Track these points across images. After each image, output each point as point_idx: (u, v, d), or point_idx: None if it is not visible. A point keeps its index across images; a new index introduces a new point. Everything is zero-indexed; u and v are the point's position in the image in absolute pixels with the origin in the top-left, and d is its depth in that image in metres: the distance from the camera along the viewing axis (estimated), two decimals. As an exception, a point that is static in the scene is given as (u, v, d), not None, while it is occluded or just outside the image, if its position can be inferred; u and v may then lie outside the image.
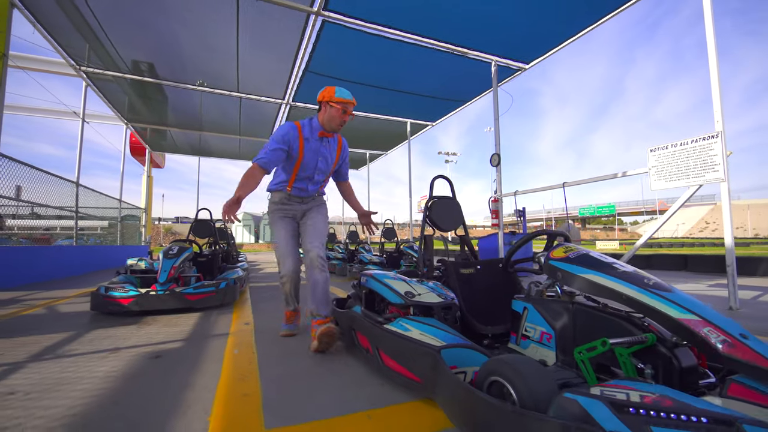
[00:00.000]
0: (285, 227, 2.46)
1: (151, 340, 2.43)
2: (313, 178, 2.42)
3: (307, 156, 2.33)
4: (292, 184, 2.41)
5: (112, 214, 10.10)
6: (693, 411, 0.87)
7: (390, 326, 1.72)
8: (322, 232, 2.48)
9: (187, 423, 1.31)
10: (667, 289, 1.23)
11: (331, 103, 2.27)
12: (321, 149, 2.38)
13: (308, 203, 2.54)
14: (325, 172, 2.48)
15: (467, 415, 1.18)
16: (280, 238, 2.44)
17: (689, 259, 7.66)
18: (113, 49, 6.14)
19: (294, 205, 2.50)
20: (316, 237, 2.41)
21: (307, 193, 2.48)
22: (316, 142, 2.35)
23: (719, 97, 3.53)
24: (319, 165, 2.40)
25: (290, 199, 2.48)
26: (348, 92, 2.34)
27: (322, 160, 2.41)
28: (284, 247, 2.44)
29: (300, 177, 2.40)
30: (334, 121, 2.30)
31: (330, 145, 2.44)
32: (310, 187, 2.46)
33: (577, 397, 0.95)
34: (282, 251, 2.43)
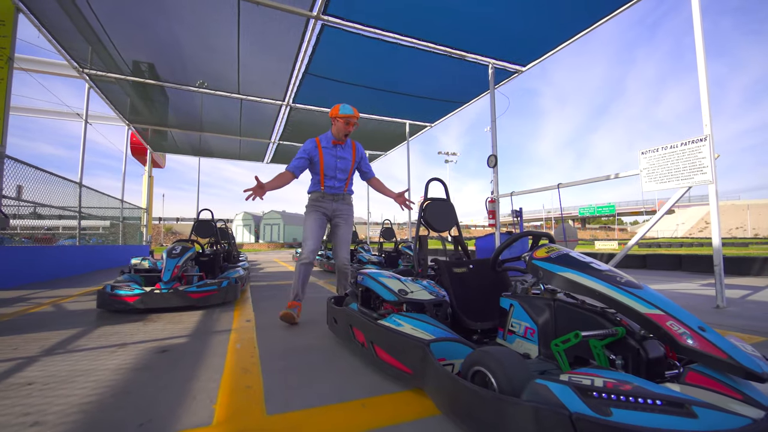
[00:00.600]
0: (315, 219, 3.04)
1: (157, 335, 2.53)
2: (336, 176, 3.04)
3: (327, 159, 2.98)
4: (323, 183, 3.02)
5: (114, 214, 10.21)
6: (649, 394, 0.98)
7: (384, 322, 1.82)
8: (347, 241, 3.13)
9: (195, 410, 1.41)
10: (637, 286, 1.34)
11: (337, 118, 2.93)
12: (337, 153, 3.03)
13: (338, 201, 3.12)
14: (345, 170, 3.07)
15: (452, 402, 1.29)
16: (308, 226, 3.03)
17: (684, 259, 7.77)
18: (115, 51, 6.24)
19: (326, 202, 3.08)
20: (342, 246, 3.10)
21: (335, 189, 3.07)
22: (332, 149, 3.01)
23: (707, 102, 3.63)
24: (338, 165, 3.04)
25: (324, 197, 3.07)
26: (350, 108, 2.94)
27: (341, 161, 3.04)
28: (309, 232, 3.01)
29: (327, 176, 3.02)
30: (341, 131, 2.96)
31: (345, 149, 3.07)
32: (336, 184, 3.06)
33: (547, 382, 1.06)
34: (307, 235, 3.01)
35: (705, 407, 0.95)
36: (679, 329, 1.16)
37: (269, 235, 36.21)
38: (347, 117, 2.91)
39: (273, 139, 10.85)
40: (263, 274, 7.41)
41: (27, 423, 1.31)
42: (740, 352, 1.08)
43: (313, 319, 3.07)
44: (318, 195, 3.07)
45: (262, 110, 8.66)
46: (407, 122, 9.53)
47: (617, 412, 0.95)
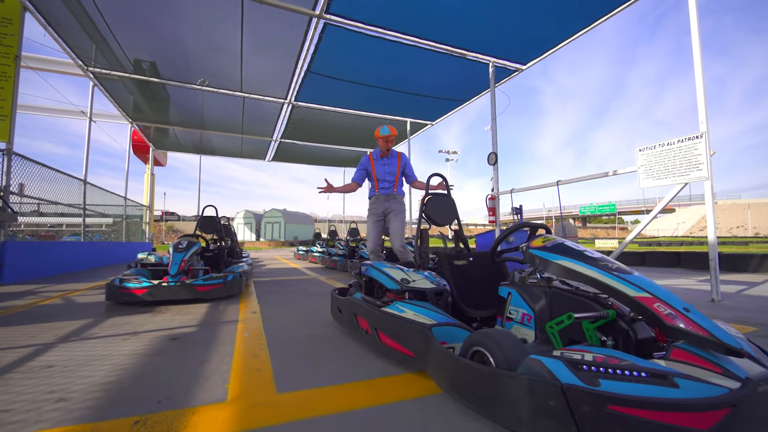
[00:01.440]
0: (373, 222, 3.73)
1: (167, 325, 2.62)
2: (386, 179, 3.73)
3: (377, 169, 3.72)
4: (377, 186, 3.74)
5: (117, 211, 10.30)
6: (635, 367, 1.06)
7: (387, 309, 1.90)
8: (400, 232, 3.67)
9: (209, 388, 1.50)
10: (627, 272, 1.42)
11: (378, 138, 3.67)
12: (385, 163, 3.73)
13: (390, 201, 3.72)
14: (392, 174, 3.74)
15: (453, 380, 1.37)
16: (369, 230, 3.78)
17: (682, 257, 7.84)
18: (119, 49, 6.32)
19: (380, 203, 3.72)
20: (395, 237, 3.66)
21: (387, 190, 3.73)
22: (381, 160, 3.73)
23: (704, 100, 3.70)
24: (386, 170, 3.73)
25: (378, 198, 3.73)
26: (387, 129, 3.63)
27: (388, 166, 3.73)
28: (369, 235, 3.77)
29: (379, 180, 3.73)
30: (382, 147, 3.69)
31: (390, 160, 3.75)
32: (387, 185, 3.73)
33: (541, 357, 1.14)
34: (370, 235, 3.76)
35: (686, 378, 1.03)
36: (666, 310, 1.23)
37: (270, 234, 36.27)
38: (385, 137, 3.64)
39: (275, 137, 10.93)
40: (266, 271, 7.50)
41: (53, 399, 1.39)
42: (721, 331, 1.15)
43: (317, 312, 3.15)
44: (374, 198, 3.76)
45: (264, 108, 8.73)
46: (408, 120, 9.60)
47: (605, 382, 1.03)
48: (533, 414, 1.08)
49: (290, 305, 3.48)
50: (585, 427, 1.00)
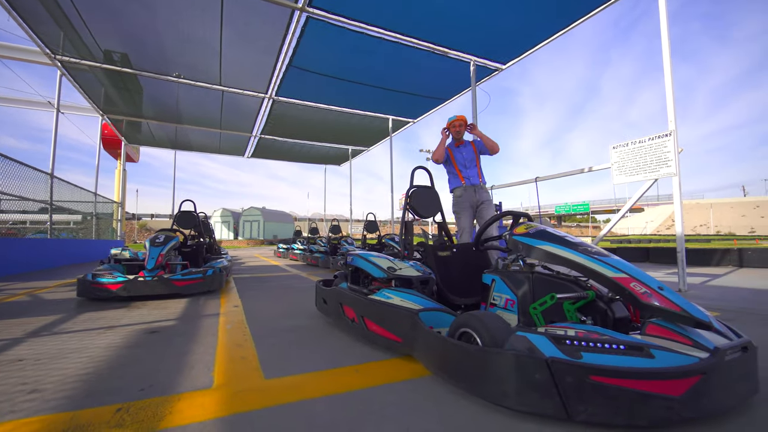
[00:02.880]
0: (465, 212, 3.57)
1: (144, 319, 2.54)
2: (466, 165, 3.64)
3: (457, 156, 3.69)
4: (462, 176, 3.62)
5: (87, 208, 9.86)
6: (614, 340, 1.12)
7: (374, 296, 1.91)
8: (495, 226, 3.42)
9: (194, 376, 1.47)
10: (606, 255, 1.48)
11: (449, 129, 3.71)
12: (462, 150, 3.70)
13: (479, 192, 3.59)
14: (472, 159, 3.66)
15: (441, 361, 1.39)
16: (461, 219, 3.60)
17: (651, 252, 8.23)
18: (90, 37, 6.04)
19: (470, 194, 3.58)
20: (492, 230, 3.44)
21: (471, 180, 3.60)
22: (457, 149, 3.72)
23: (672, 100, 3.89)
24: (465, 156, 3.67)
25: (466, 189, 3.59)
26: (454, 116, 3.71)
27: (466, 154, 3.68)
28: (463, 224, 3.58)
29: (460, 167, 3.65)
30: (455, 136, 3.73)
31: (466, 148, 3.71)
32: (470, 172, 3.63)
33: (526, 334, 1.18)
34: (461, 226, 3.60)
35: (661, 349, 1.09)
36: (641, 289, 1.30)
37: (249, 232, 35.58)
38: (452, 124, 3.70)
39: (254, 132, 10.71)
40: (245, 268, 7.36)
41: (25, 390, 1.33)
42: (692, 306, 1.23)
43: (301, 305, 3.13)
44: (461, 190, 3.62)
45: (244, 103, 8.54)
46: (390, 118, 9.61)
47: (586, 355, 1.08)
48: (520, 388, 1.11)
49: (272, 299, 3.44)
50: (568, 397, 1.04)
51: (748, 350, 1.18)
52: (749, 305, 2.96)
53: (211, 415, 1.15)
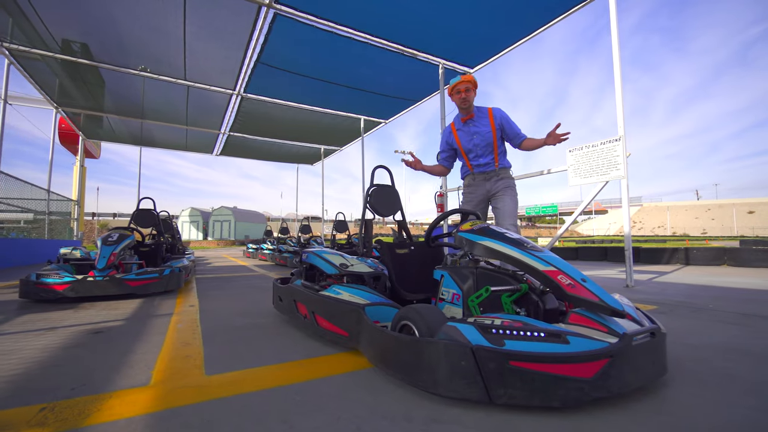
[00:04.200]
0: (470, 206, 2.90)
1: (91, 320, 2.44)
2: (478, 153, 2.79)
3: (462, 139, 2.81)
4: (470, 164, 2.86)
5: (40, 207, 9.30)
6: (535, 328, 1.19)
7: (324, 292, 1.93)
8: (510, 213, 2.75)
9: (132, 375, 1.43)
10: (540, 249, 1.57)
11: (452, 97, 2.76)
12: (471, 129, 2.77)
13: (492, 180, 2.81)
14: (487, 144, 2.76)
15: (381, 352, 1.43)
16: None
17: (608, 251, 8.68)
18: (42, 26, 5.71)
19: (479, 185, 2.86)
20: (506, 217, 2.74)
21: (485, 167, 2.80)
22: (465, 127, 2.80)
23: (621, 107, 4.13)
24: (475, 141, 2.76)
25: (474, 178, 2.88)
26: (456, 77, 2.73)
27: (477, 136, 2.75)
28: None
29: (468, 153, 2.83)
30: (457, 105, 2.76)
31: (478, 122, 2.76)
32: (483, 161, 2.80)
33: (456, 324, 1.24)
34: None
35: (576, 336, 1.17)
36: (567, 281, 1.39)
37: (219, 232, 34.55)
38: (455, 85, 2.66)
39: (223, 129, 10.44)
40: (211, 268, 7.17)
41: (-57, 393, 1.26)
42: (609, 296, 1.33)
43: (260, 304, 3.10)
44: (469, 179, 2.90)
45: (211, 99, 8.32)
46: (362, 118, 9.63)
47: (509, 342, 1.15)
48: (448, 375, 1.17)
49: (232, 299, 3.38)
50: (490, 382, 1.10)
51: (656, 336, 1.29)
52: (684, 299, 3.20)
53: (141, 411, 1.13)
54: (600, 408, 1.13)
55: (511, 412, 1.12)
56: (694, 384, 1.33)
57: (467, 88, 2.66)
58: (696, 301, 3.06)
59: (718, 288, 3.89)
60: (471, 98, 2.68)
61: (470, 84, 2.66)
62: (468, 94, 2.66)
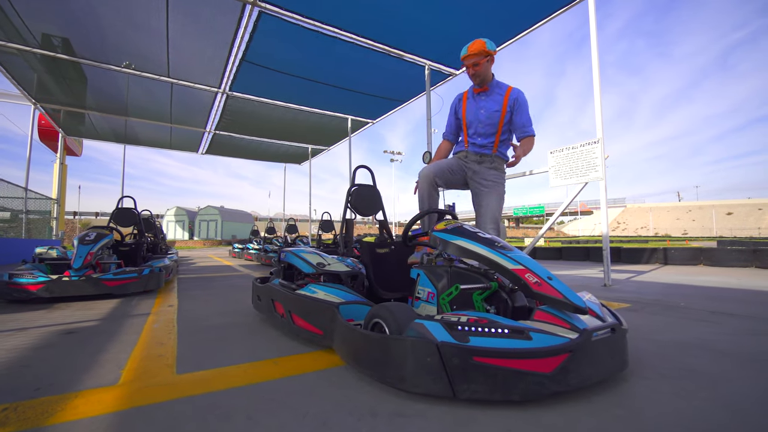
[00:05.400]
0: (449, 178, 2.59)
1: (64, 320, 2.40)
2: (478, 130, 2.53)
3: (469, 111, 2.56)
4: (466, 142, 2.58)
5: (17, 206, 9.04)
6: (499, 325, 1.22)
7: (300, 291, 1.94)
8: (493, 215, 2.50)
9: (101, 375, 1.42)
10: (510, 249, 1.61)
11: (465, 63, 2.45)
12: (480, 103, 2.52)
13: (483, 163, 2.55)
14: (492, 123, 2.49)
15: (352, 350, 1.45)
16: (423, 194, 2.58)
17: (590, 251, 8.86)
18: (19, 19, 5.57)
19: (470, 164, 2.57)
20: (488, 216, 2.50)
21: (481, 148, 2.54)
22: (476, 99, 2.55)
23: (600, 110, 4.23)
24: (480, 117, 2.51)
25: (467, 156, 2.58)
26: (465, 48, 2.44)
27: (483, 111, 2.50)
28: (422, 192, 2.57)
29: (469, 134, 2.57)
30: (473, 75, 2.46)
31: (491, 97, 2.50)
32: (480, 141, 2.54)
33: (424, 321, 1.26)
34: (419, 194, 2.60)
35: (539, 332, 1.21)
36: (533, 279, 1.43)
37: (205, 232, 34.08)
38: (463, 59, 2.40)
39: (208, 128, 10.31)
40: (195, 268, 7.08)
41: None
42: (573, 294, 1.37)
43: (240, 303, 3.08)
44: (462, 154, 2.60)
45: (196, 97, 8.21)
46: (349, 117, 9.63)
47: (474, 339, 1.18)
48: (414, 371, 1.19)
49: (213, 298, 3.35)
50: (454, 378, 1.13)
51: (616, 331, 1.34)
52: (657, 297, 3.29)
53: (106, 410, 1.13)
54: (560, 402, 1.17)
55: (473, 406, 1.14)
56: (655, 378, 1.38)
57: (475, 63, 2.38)
58: (668, 300, 3.15)
59: (692, 287, 4.01)
60: (481, 72, 2.41)
61: (477, 57, 2.36)
62: (477, 68, 2.39)
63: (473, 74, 2.42)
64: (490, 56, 2.40)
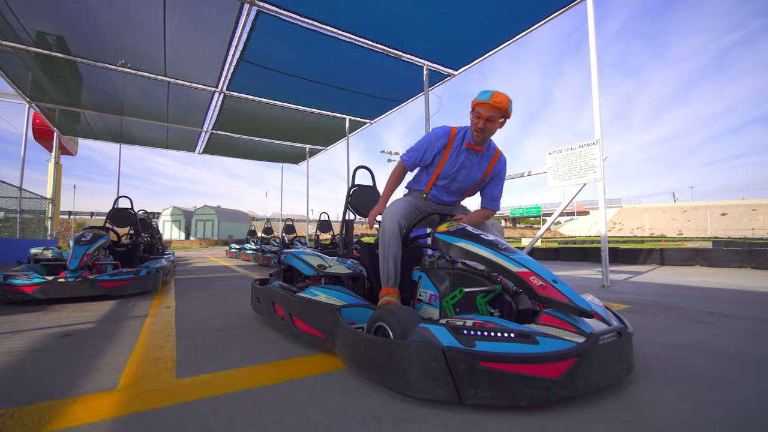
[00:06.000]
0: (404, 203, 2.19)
1: (60, 322, 2.36)
2: (449, 188, 2.22)
3: (449, 164, 2.15)
4: (429, 189, 2.25)
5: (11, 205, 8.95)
6: (505, 329, 1.21)
7: (301, 293, 1.92)
8: None
9: (99, 379, 1.40)
10: (513, 251, 1.59)
11: (476, 109, 2.00)
12: (465, 161, 2.15)
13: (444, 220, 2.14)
14: (465, 186, 2.22)
15: (355, 354, 1.43)
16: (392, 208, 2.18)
17: (588, 252, 8.89)
18: (14, 17, 5.50)
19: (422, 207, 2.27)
20: None
21: (440, 201, 2.28)
22: (463, 152, 2.13)
23: (598, 111, 4.23)
24: (458, 176, 2.18)
25: (423, 201, 2.29)
26: (487, 93, 1.97)
27: (464, 171, 2.17)
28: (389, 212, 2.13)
29: (437, 185, 2.23)
30: (477, 129, 2.01)
31: (479, 158, 2.16)
32: (445, 197, 2.26)
33: (429, 325, 1.25)
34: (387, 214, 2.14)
35: (545, 336, 1.19)
36: (538, 282, 1.42)
37: (202, 232, 33.92)
38: (478, 105, 1.96)
39: (205, 127, 10.25)
40: (191, 269, 7.03)
41: None
42: (578, 297, 1.36)
43: (239, 304, 3.06)
44: (419, 196, 2.29)
45: (193, 96, 8.15)
46: (347, 117, 9.60)
47: (480, 343, 1.16)
48: (419, 376, 1.17)
49: (211, 300, 3.32)
50: (461, 383, 1.12)
51: (623, 335, 1.33)
52: (656, 298, 3.30)
53: (105, 416, 1.10)
54: (566, 407, 1.16)
55: (478, 411, 1.13)
56: (659, 381, 1.38)
57: (491, 118, 1.96)
58: (667, 301, 3.16)
59: (689, 287, 4.03)
60: (491, 130, 2.03)
61: (497, 112, 1.95)
62: (490, 125, 1.99)
63: (481, 128, 2.00)
64: (507, 119, 2.04)
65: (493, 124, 2.00)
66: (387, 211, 2.05)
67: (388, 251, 2.00)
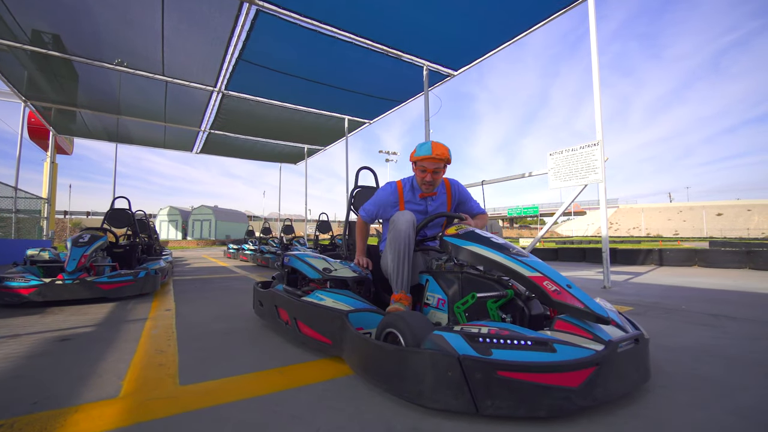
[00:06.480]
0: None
1: (58, 326, 2.31)
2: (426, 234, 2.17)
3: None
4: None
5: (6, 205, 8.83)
6: (522, 337, 1.18)
7: (307, 298, 1.88)
8: None
9: (100, 386, 1.35)
10: (525, 255, 1.57)
11: (416, 164, 2.05)
12: (427, 208, 2.17)
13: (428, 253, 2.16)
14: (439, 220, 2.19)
15: (364, 361, 1.40)
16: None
17: (587, 252, 8.90)
18: (9, 14, 5.42)
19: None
20: None
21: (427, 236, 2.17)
22: (421, 202, 2.16)
23: (600, 113, 4.22)
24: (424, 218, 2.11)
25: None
26: (427, 146, 2.01)
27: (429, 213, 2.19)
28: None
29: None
30: (421, 182, 2.06)
31: (435, 200, 2.19)
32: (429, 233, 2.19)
33: (442, 333, 1.22)
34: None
35: (563, 344, 1.16)
36: (552, 287, 1.39)
37: (199, 232, 33.73)
38: (421, 160, 1.99)
39: (203, 127, 10.17)
40: (189, 270, 6.97)
41: None
42: (594, 303, 1.33)
43: (239, 307, 3.01)
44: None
45: (191, 95, 8.07)
46: (346, 117, 9.56)
47: (496, 351, 1.13)
48: (434, 386, 1.14)
49: (211, 302, 3.28)
50: (477, 393, 1.09)
51: (640, 342, 1.30)
52: (658, 299, 3.29)
53: (108, 426, 1.07)
54: (582, 415, 1.13)
55: (493, 421, 1.10)
56: (672, 387, 1.35)
57: (436, 169, 2.00)
58: (669, 302, 3.15)
59: (690, 289, 4.02)
60: (437, 181, 2.07)
61: (441, 163, 2.00)
62: (436, 176, 2.03)
63: (430, 182, 2.03)
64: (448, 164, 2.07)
65: (439, 174, 2.05)
66: (400, 218, 1.95)
67: (403, 257, 1.92)
